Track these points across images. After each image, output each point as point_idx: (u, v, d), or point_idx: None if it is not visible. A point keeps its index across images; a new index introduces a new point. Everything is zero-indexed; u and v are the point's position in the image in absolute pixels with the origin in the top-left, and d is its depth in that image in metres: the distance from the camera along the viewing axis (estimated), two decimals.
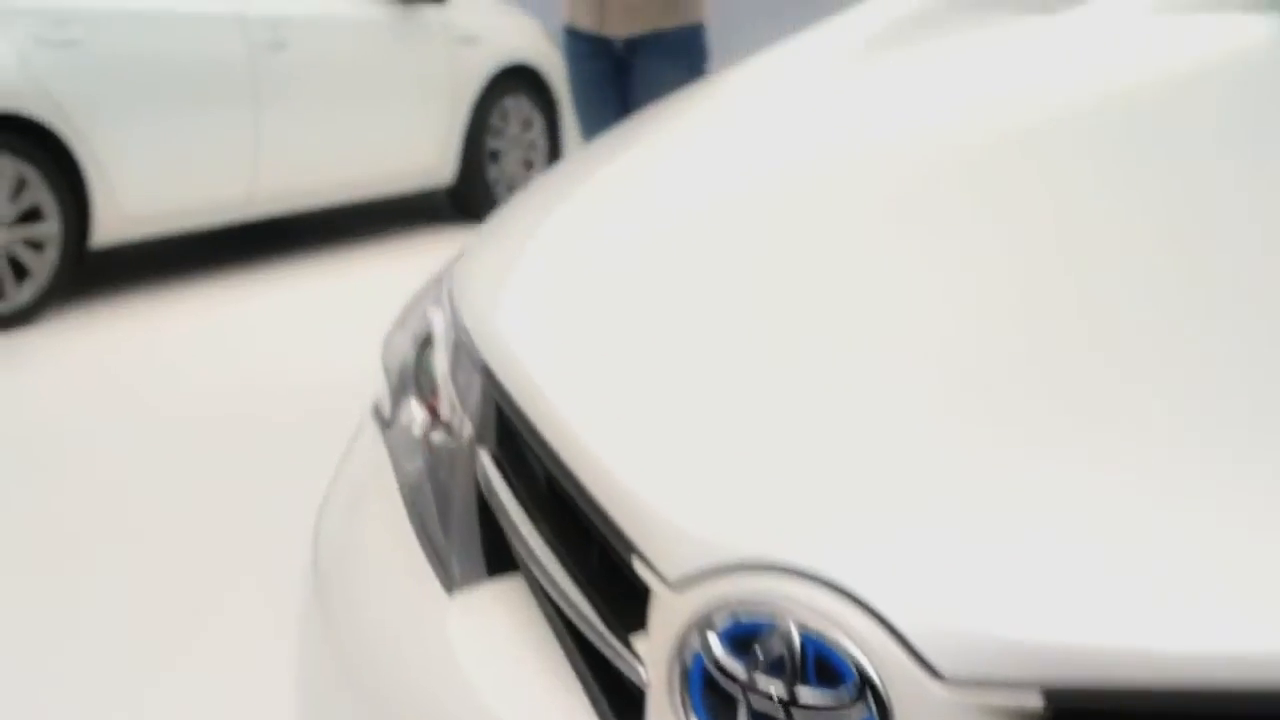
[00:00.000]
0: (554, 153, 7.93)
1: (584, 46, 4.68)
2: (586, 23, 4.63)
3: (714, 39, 4.73)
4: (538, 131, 7.80)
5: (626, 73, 4.65)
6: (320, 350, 5.35)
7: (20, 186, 5.46)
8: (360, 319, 5.68)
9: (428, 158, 7.16)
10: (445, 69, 7.17)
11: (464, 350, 1.43)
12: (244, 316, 5.90)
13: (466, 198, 7.51)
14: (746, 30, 8.27)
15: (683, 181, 1.63)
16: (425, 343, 1.59)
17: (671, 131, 1.82)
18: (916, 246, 1.28)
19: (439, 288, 1.66)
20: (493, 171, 7.53)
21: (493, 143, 7.51)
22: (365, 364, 4.87)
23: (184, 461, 4.24)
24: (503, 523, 1.24)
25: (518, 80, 7.65)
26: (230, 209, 6.31)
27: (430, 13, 7.15)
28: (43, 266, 5.54)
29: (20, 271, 5.50)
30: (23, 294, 5.49)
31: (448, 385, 1.46)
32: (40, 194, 5.51)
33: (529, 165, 7.77)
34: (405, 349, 1.64)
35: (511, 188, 7.64)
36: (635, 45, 4.58)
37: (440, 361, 1.51)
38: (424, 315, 1.63)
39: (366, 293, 6.18)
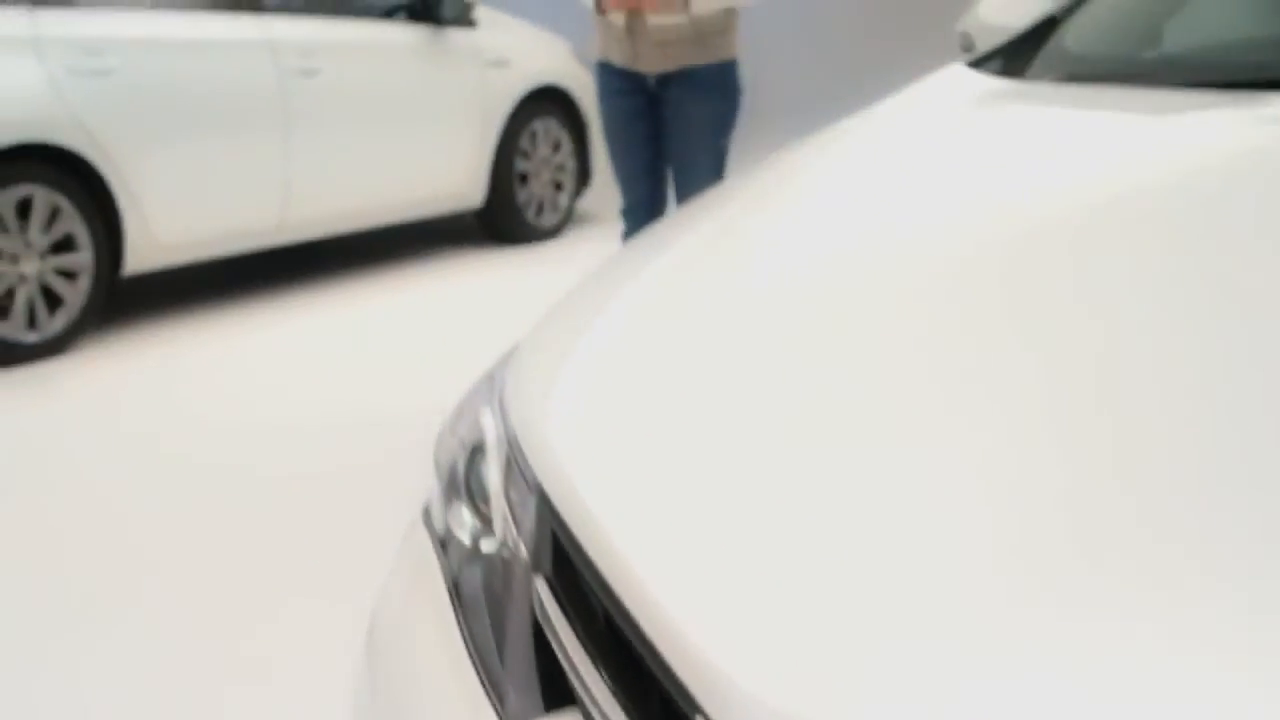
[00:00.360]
0: (582, 174, 7.92)
1: (617, 82, 4.67)
2: (619, 59, 4.62)
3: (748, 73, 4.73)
4: (566, 153, 7.80)
5: (659, 107, 4.64)
6: (353, 380, 5.36)
7: (53, 216, 5.46)
8: (391, 348, 5.76)
9: (458, 182, 7.17)
10: (475, 92, 7.17)
11: (517, 467, 1.42)
12: (275, 343, 5.91)
13: (495, 220, 7.51)
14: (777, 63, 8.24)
15: (731, 281, 1.62)
16: (477, 448, 1.58)
17: (720, 226, 1.81)
18: (956, 364, 1.27)
19: (491, 388, 1.66)
20: (521, 194, 7.52)
21: (521, 165, 7.51)
22: (398, 398, 4.93)
23: (215, 495, 4.26)
24: (560, 656, 1.23)
25: (547, 102, 7.64)
26: (261, 236, 6.32)
27: (460, 36, 7.16)
28: (75, 296, 5.56)
29: (53, 301, 5.50)
30: (55, 323, 5.51)
31: (500, 501, 1.45)
32: (73, 223, 5.52)
33: (558, 187, 7.77)
34: (457, 450, 1.63)
35: (540, 210, 7.65)
36: (668, 81, 4.57)
37: (493, 474, 1.50)
38: (476, 419, 1.62)
39: (397, 320, 6.23)
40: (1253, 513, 0.97)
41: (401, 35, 6.93)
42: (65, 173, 5.51)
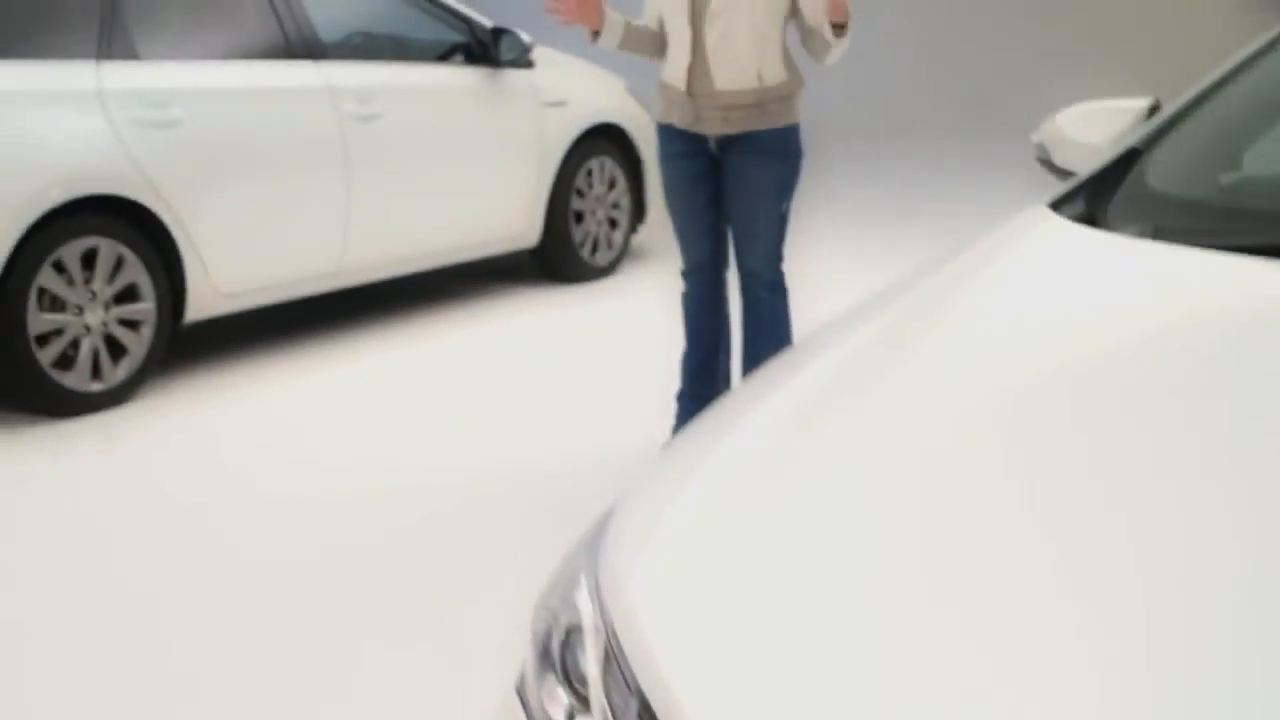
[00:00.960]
0: (638, 210, 7.94)
1: (678, 144, 4.68)
2: (680, 121, 4.63)
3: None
4: (621, 189, 7.82)
5: (720, 170, 4.65)
6: (415, 428, 5.43)
7: (117, 266, 5.52)
8: (449, 392, 5.80)
9: (514, 222, 7.20)
10: (533, 133, 7.20)
11: (618, 665, 1.43)
12: (333, 387, 5.97)
13: (551, 259, 7.54)
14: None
15: (832, 453, 1.63)
16: (574, 629, 1.60)
17: (815, 391, 1.82)
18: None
19: (589, 558, 1.67)
20: (577, 232, 7.55)
21: (577, 203, 7.53)
22: (459, 449, 4.97)
23: (279, 540, 4.35)
24: None
25: (602, 139, 7.66)
26: (320, 281, 6.37)
27: (518, 77, 7.19)
28: (138, 345, 5.61)
29: (116, 350, 5.56)
30: (118, 372, 5.56)
31: (600, 695, 1.46)
32: (137, 273, 5.58)
33: (613, 224, 7.79)
34: (552, 623, 1.64)
35: (595, 247, 7.67)
36: (729, 143, 4.58)
37: (591, 664, 1.51)
38: (572, 597, 1.63)
39: (454, 362, 6.28)
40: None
41: (459, 78, 6.97)
42: (129, 223, 5.55)
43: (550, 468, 4.92)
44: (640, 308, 7.17)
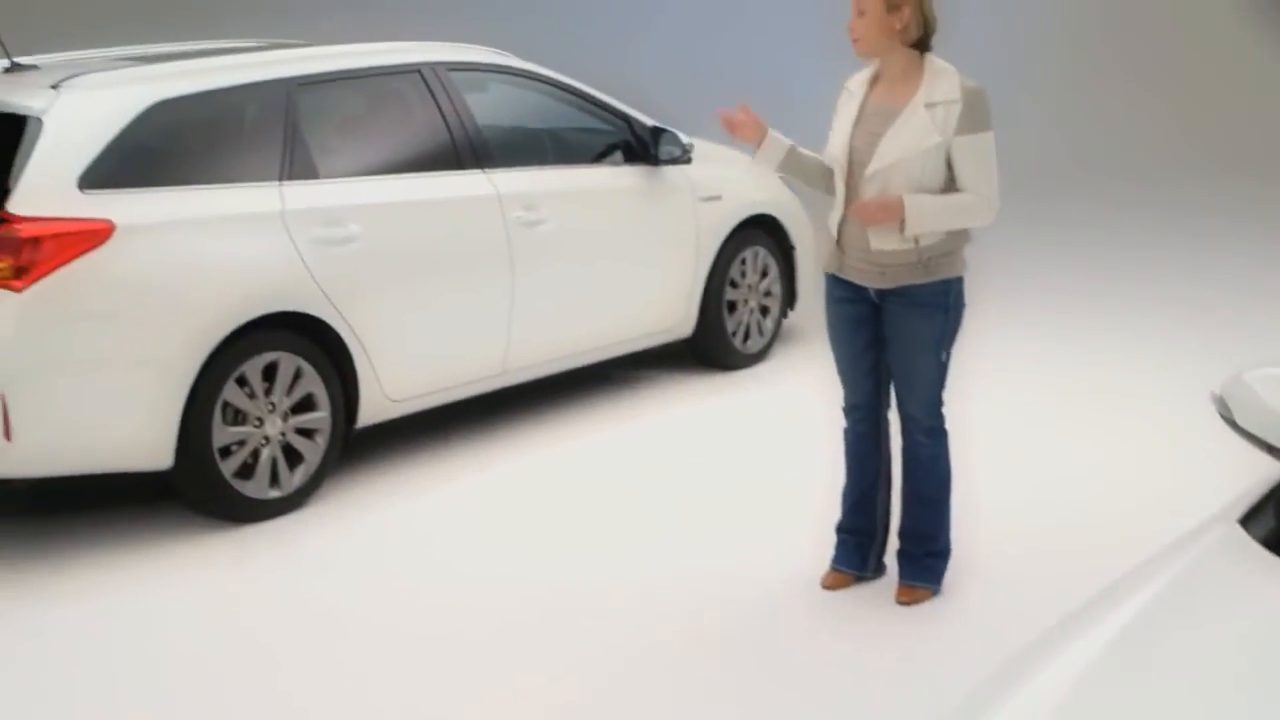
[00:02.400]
0: (789, 297, 8.06)
1: (839, 290, 4.80)
2: (840, 272, 4.75)
3: None
4: (773, 277, 7.93)
5: (880, 316, 4.75)
6: (568, 530, 5.67)
7: (295, 378, 5.75)
8: (610, 492, 5.99)
9: (671, 315, 7.35)
10: (690, 228, 7.35)
11: None
12: (499, 485, 6.19)
13: (704, 347, 7.68)
14: None
15: None
16: None
17: None
18: None
19: None
20: (730, 322, 7.69)
21: (730, 293, 7.66)
22: (614, 555, 5.22)
23: (448, 649, 4.62)
24: None
25: (756, 228, 7.79)
26: (484, 382, 6.57)
27: (675, 173, 7.33)
28: (313, 453, 5.84)
29: (292, 457, 5.79)
30: (295, 479, 5.79)
31: None
32: (313, 385, 5.80)
33: (765, 311, 7.91)
34: None
35: (747, 335, 7.80)
36: (887, 294, 4.69)
37: None
38: None
39: (613, 458, 6.47)
40: None
41: (619, 178, 7.14)
42: (306, 336, 5.79)
43: (704, 591, 5.08)
44: (792, 396, 7.31)
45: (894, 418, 4.91)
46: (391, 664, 4.54)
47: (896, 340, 4.73)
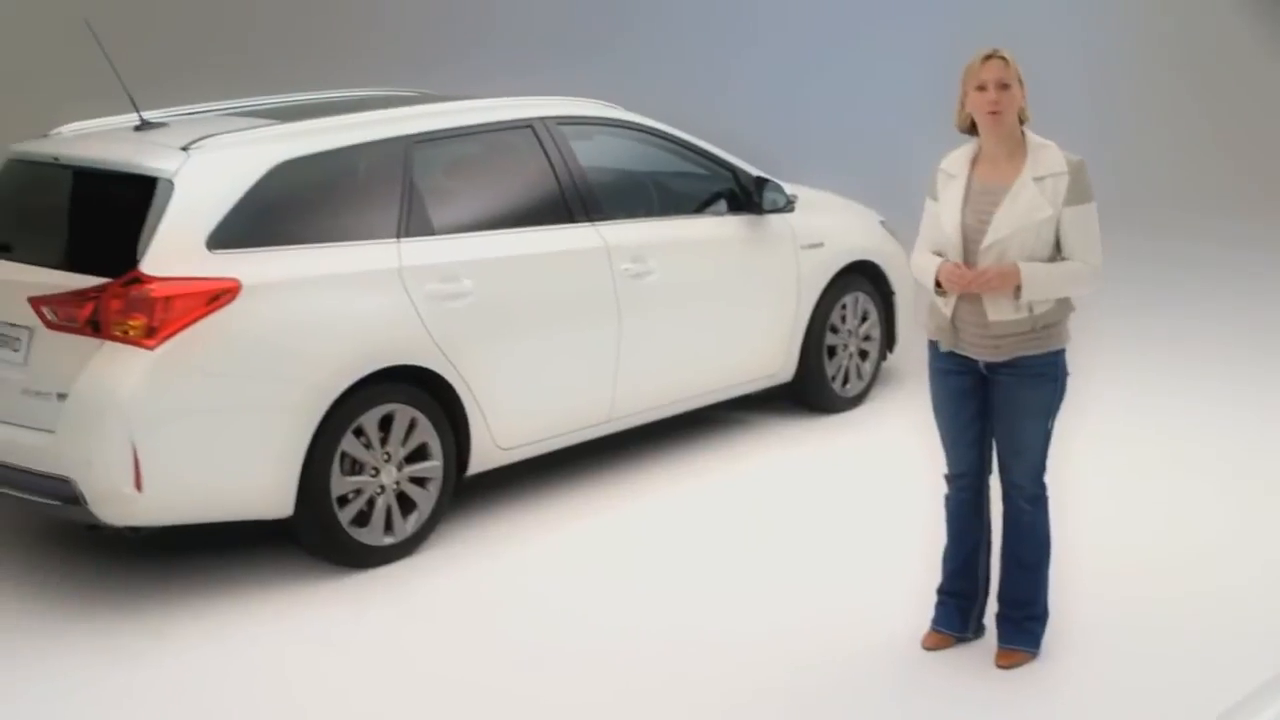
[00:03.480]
0: (889, 343, 8.15)
1: (947, 363, 4.90)
2: (950, 345, 4.85)
3: None
4: (873, 322, 8.03)
5: (987, 387, 4.85)
6: (667, 581, 5.82)
7: (409, 429, 5.93)
8: (709, 541, 6.16)
9: (772, 361, 7.48)
10: (791, 276, 7.47)
11: None
12: (608, 531, 6.37)
13: (804, 392, 7.80)
14: None
15: None
16: None
17: None
18: None
19: None
20: (830, 366, 7.80)
21: (830, 338, 7.77)
22: (711, 607, 5.46)
23: (546, 694, 4.84)
24: None
25: (856, 274, 7.89)
26: (590, 429, 6.73)
27: (779, 222, 7.46)
28: (426, 500, 6.02)
29: (405, 505, 5.97)
30: (408, 526, 5.98)
31: None
32: (427, 435, 5.99)
33: (864, 355, 8.01)
34: None
35: (847, 380, 7.91)
36: (997, 366, 4.79)
37: None
38: None
39: (714, 505, 6.62)
40: None
41: (723, 228, 7.29)
42: (420, 388, 5.97)
43: (805, 645, 5.22)
44: (890, 441, 7.41)
45: (994, 482, 5.01)
46: (490, 710, 4.73)
47: (1004, 410, 4.83)
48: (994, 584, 5.11)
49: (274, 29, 10.86)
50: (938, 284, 4.79)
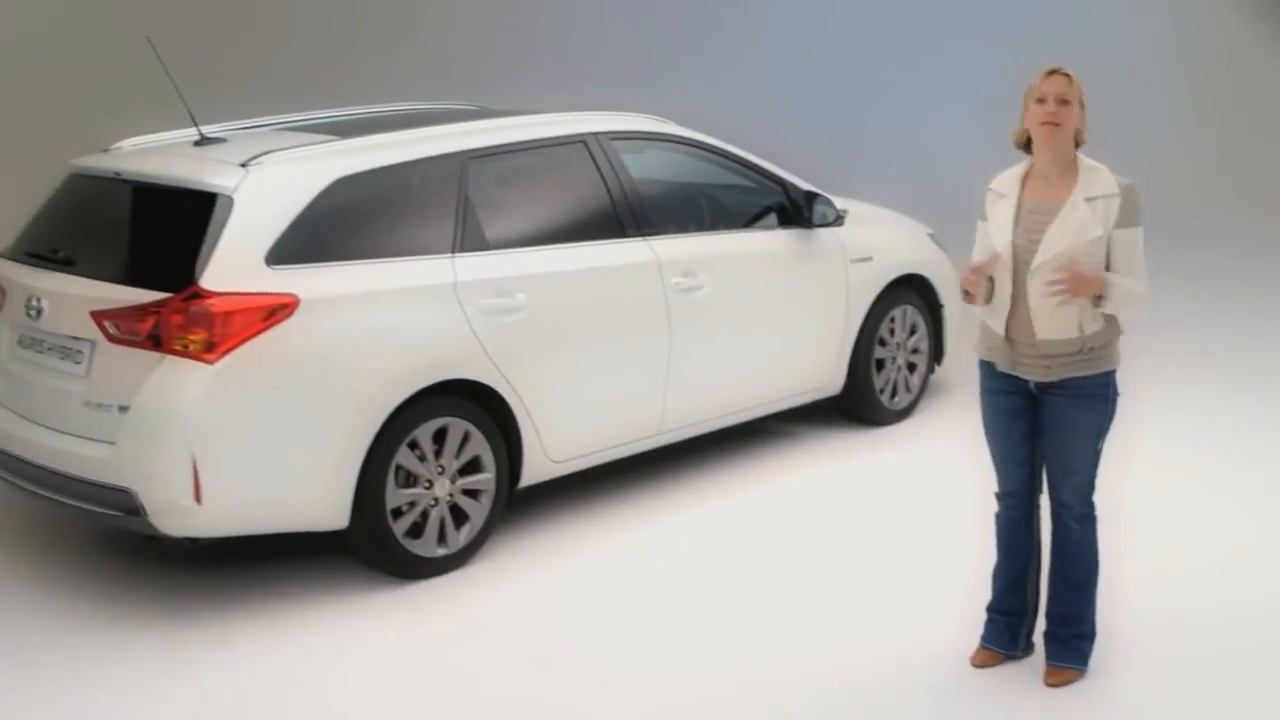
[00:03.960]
0: (937, 356, 8.19)
1: (997, 381, 4.94)
2: (1000, 365, 4.88)
3: None
4: (921, 335, 8.07)
5: (1038, 408, 4.88)
6: (716, 594, 5.85)
7: (463, 442, 6.01)
8: (758, 553, 6.21)
9: (821, 374, 7.53)
10: (841, 289, 7.52)
11: None
12: (656, 544, 6.42)
13: (851, 405, 7.84)
14: None
15: None
16: None
17: None
18: None
19: None
20: (878, 379, 7.83)
21: (878, 351, 7.80)
22: (759, 622, 5.53)
23: (595, 705, 4.87)
24: None
25: (905, 287, 7.93)
26: (640, 442, 6.78)
27: (828, 236, 7.50)
28: (479, 512, 6.10)
29: (458, 516, 6.05)
30: (460, 538, 6.05)
31: None
32: (480, 447, 6.06)
33: (912, 368, 8.04)
34: None
35: (895, 392, 7.94)
36: (1048, 386, 4.82)
37: None
38: None
39: (763, 517, 6.66)
40: None
41: (773, 242, 7.34)
42: (473, 401, 6.04)
43: (852, 659, 5.26)
44: (937, 454, 7.44)
45: (1044, 501, 5.04)
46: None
47: (1055, 430, 4.86)
48: (1043, 601, 5.13)
49: (320, 41, 10.97)
50: (967, 293, 4.87)
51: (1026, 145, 4.83)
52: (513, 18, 12.35)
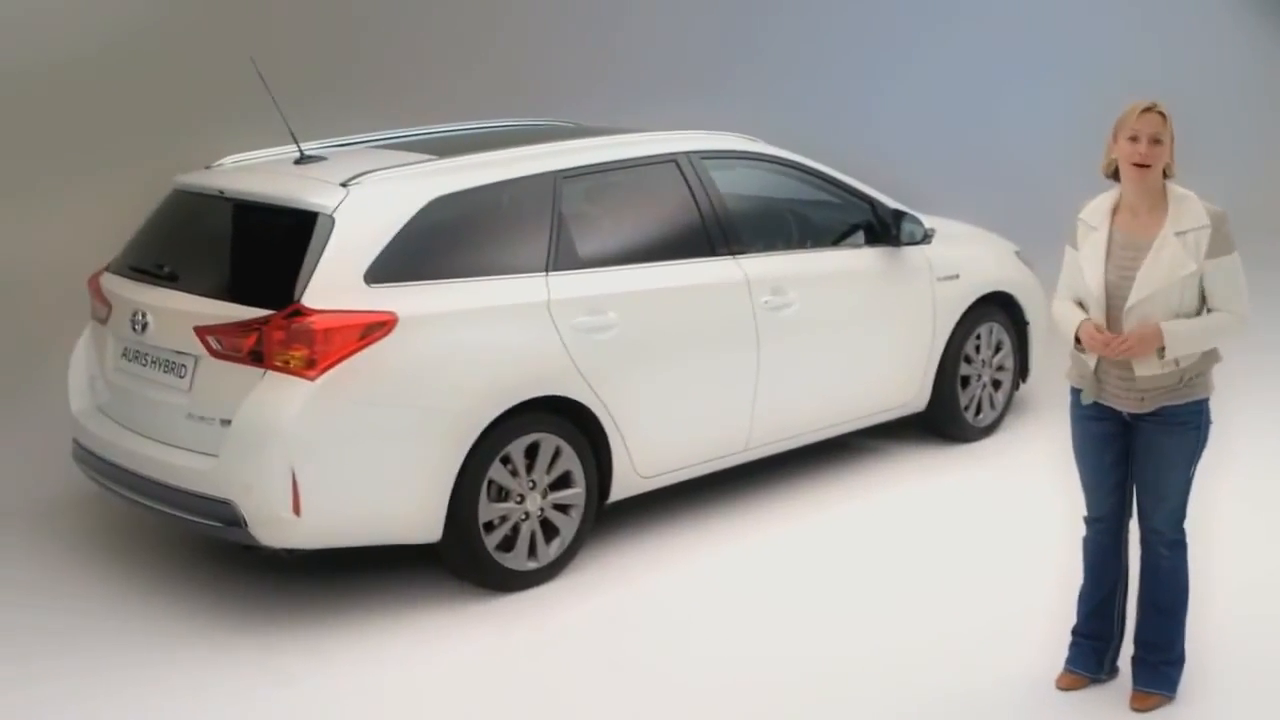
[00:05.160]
0: (1022, 373, 8.20)
1: (1089, 410, 4.95)
2: (1095, 395, 4.90)
3: None
4: (1006, 352, 8.08)
5: (1130, 434, 4.90)
6: (801, 613, 5.91)
7: (554, 457, 6.11)
8: (843, 572, 6.27)
9: (906, 391, 7.56)
10: (927, 307, 7.55)
11: None
12: (744, 559, 6.48)
13: (937, 421, 7.87)
14: None
15: None
16: None
17: None
18: None
19: None
20: (963, 396, 7.86)
21: (964, 368, 7.83)
22: (843, 641, 5.62)
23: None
24: None
25: (991, 305, 7.95)
26: (728, 457, 6.86)
27: (915, 254, 7.54)
28: (568, 526, 6.19)
29: (548, 530, 6.14)
30: (550, 551, 6.15)
31: None
32: (570, 463, 6.15)
33: (996, 386, 8.06)
34: None
35: (980, 409, 7.97)
36: (1140, 415, 4.84)
37: None
38: None
39: (848, 534, 6.73)
40: None
41: (861, 260, 7.39)
42: (565, 418, 6.14)
43: (938, 681, 5.30)
44: (1022, 473, 7.45)
45: (1133, 525, 5.06)
46: None
47: (1147, 458, 4.88)
48: (1129, 626, 5.15)
49: (404, 57, 11.12)
50: (1077, 340, 4.86)
51: (1115, 175, 4.86)
52: (598, 35, 12.43)
